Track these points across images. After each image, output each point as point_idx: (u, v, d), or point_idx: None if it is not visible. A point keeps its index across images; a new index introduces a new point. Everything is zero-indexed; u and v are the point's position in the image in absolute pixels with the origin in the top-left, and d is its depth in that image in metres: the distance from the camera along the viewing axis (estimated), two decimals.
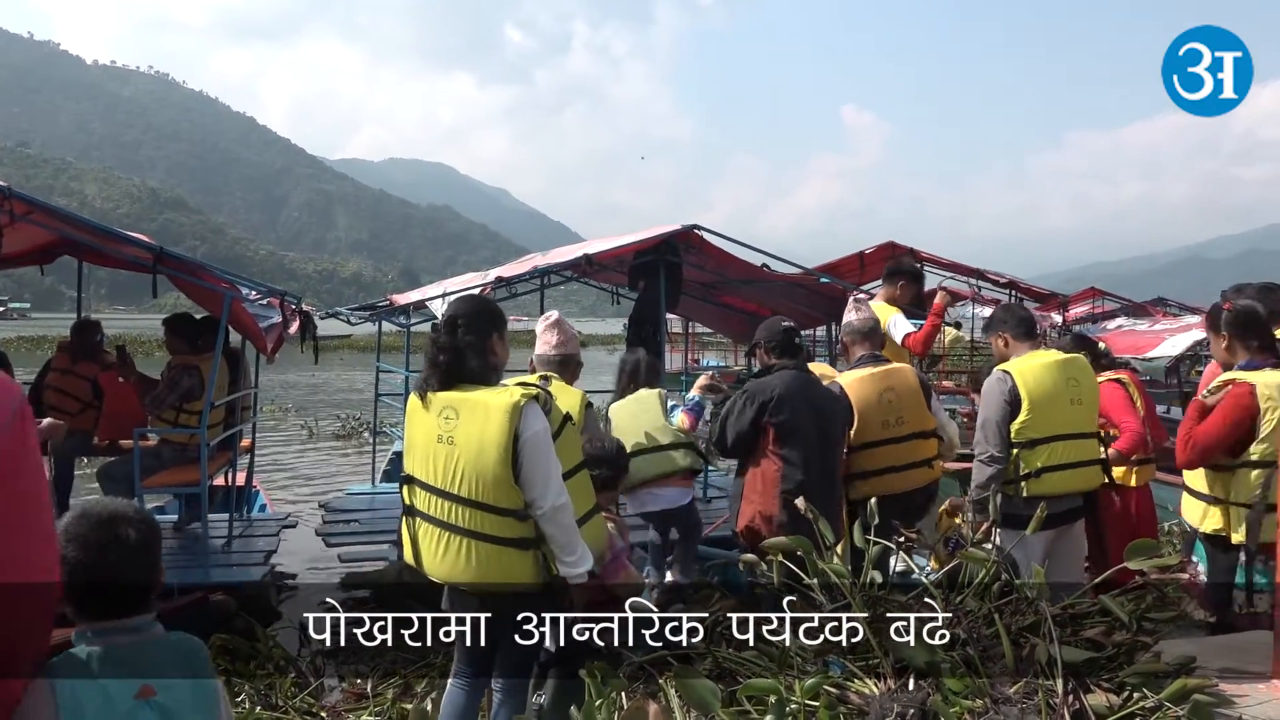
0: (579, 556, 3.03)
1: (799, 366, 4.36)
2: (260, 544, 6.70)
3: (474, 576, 3.07)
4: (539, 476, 2.97)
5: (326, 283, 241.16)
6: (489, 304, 3.44)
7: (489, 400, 3.00)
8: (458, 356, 3.10)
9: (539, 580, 3.01)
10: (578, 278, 7.86)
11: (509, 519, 2.98)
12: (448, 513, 3.05)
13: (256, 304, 6.52)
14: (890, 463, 4.56)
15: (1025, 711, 2.07)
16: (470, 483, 2.99)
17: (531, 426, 2.96)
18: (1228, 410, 3.58)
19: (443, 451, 3.04)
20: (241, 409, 7.01)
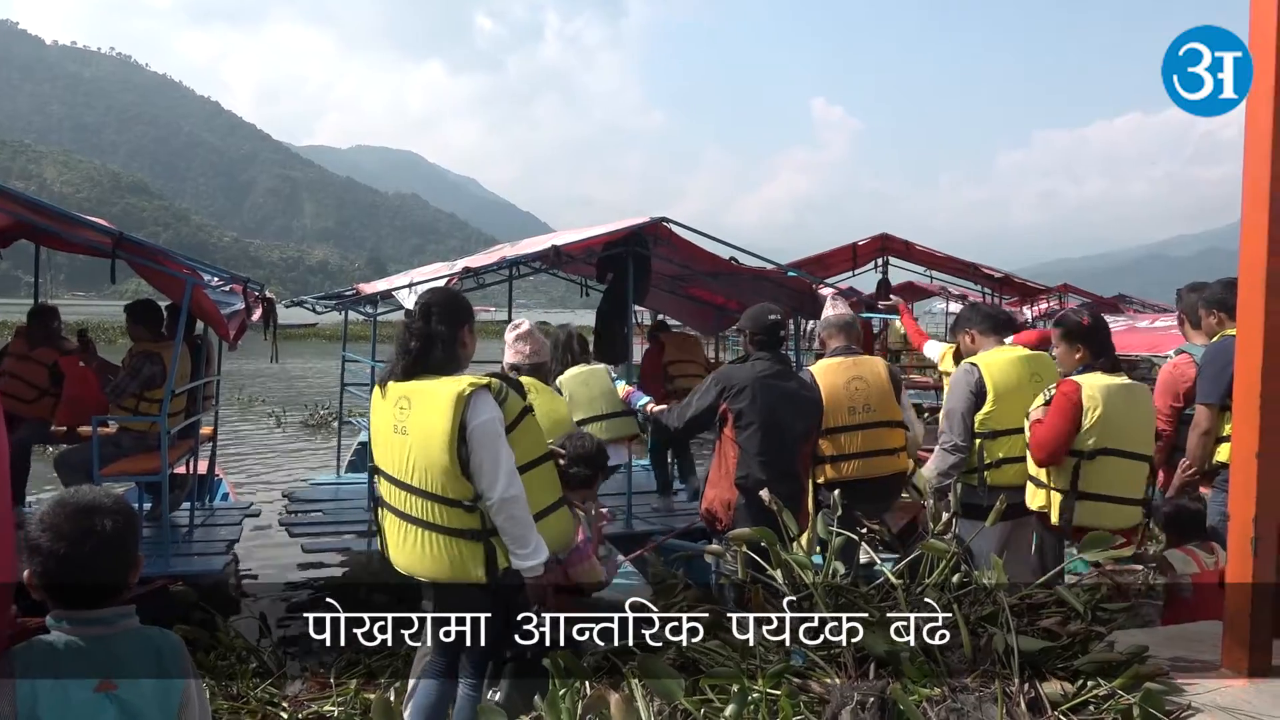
0: (532, 549, 3.00)
1: (776, 359, 4.39)
2: (222, 533, 6.65)
3: (429, 568, 3.07)
4: (487, 466, 2.95)
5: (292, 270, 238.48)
6: (460, 296, 3.45)
7: (438, 389, 3.00)
8: (428, 344, 3.10)
9: (491, 574, 3.00)
10: (546, 269, 7.84)
11: (457, 509, 2.98)
12: (405, 503, 3.06)
13: (219, 291, 6.44)
14: (856, 448, 4.67)
15: (982, 700, 2.10)
16: (421, 473, 2.99)
17: (478, 416, 2.95)
18: (1059, 409, 3.89)
19: (398, 441, 3.05)
20: (204, 397, 6.93)
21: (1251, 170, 2.58)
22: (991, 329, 4.56)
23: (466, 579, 3.03)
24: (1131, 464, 3.94)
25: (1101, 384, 3.89)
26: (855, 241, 13.11)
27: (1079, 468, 3.86)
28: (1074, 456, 3.87)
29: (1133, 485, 3.97)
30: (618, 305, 7.15)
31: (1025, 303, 15.35)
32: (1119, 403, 3.88)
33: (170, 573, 5.56)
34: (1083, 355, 4.03)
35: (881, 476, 4.75)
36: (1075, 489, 3.86)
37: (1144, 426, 4.03)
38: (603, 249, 7.07)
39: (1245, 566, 2.59)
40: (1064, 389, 3.92)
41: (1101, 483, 3.88)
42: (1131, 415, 3.94)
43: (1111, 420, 3.84)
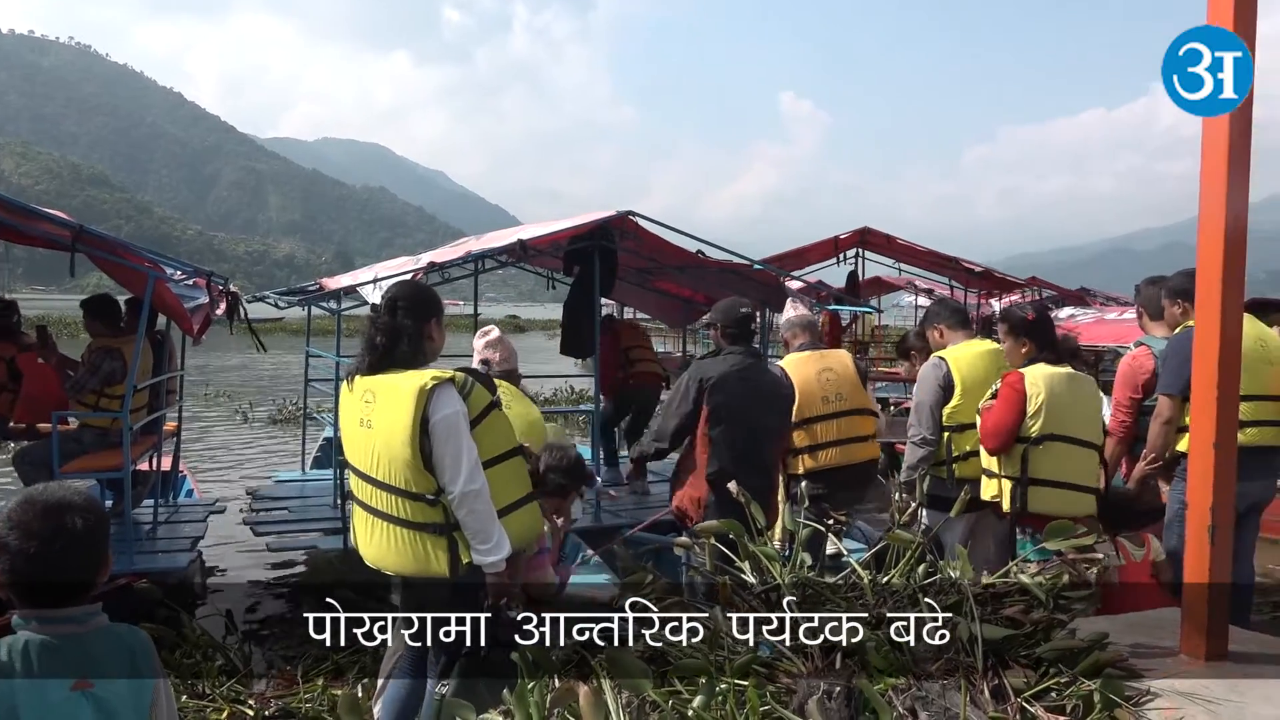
0: (494, 544, 3.00)
1: (749, 352, 4.41)
2: (186, 530, 6.56)
3: (395, 562, 3.07)
4: (449, 460, 2.94)
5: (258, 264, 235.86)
6: (429, 290, 3.44)
7: (401, 383, 2.99)
8: (394, 338, 3.09)
9: (455, 569, 2.99)
10: (512, 263, 7.81)
11: (420, 503, 2.98)
12: (371, 497, 3.06)
13: (182, 284, 6.35)
14: (833, 436, 4.76)
15: (946, 688, 2.12)
16: (386, 466, 2.99)
17: (441, 409, 2.95)
18: (1005, 398, 4.02)
19: (364, 436, 3.05)
20: (167, 392, 6.84)
21: (1209, 166, 2.62)
22: (960, 323, 4.67)
23: (430, 573, 3.03)
24: (1079, 451, 4.03)
25: (1045, 373, 4.01)
26: (837, 235, 13.18)
27: (1027, 454, 3.96)
28: (1021, 443, 3.97)
29: (1082, 472, 4.05)
30: (584, 299, 7.13)
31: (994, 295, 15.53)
32: (1062, 391, 3.99)
33: (134, 570, 5.49)
34: (1028, 349, 4.15)
35: (858, 463, 4.86)
36: (1025, 475, 3.95)
37: (1089, 415, 4.12)
38: (569, 243, 7.05)
39: (1203, 554, 2.65)
40: (1009, 380, 4.04)
41: (1050, 469, 3.96)
42: (1076, 404, 4.04)
43: (1055, 407, 3.95)
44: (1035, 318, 4.24)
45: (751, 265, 7.52)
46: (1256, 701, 2.34)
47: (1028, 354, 4.14)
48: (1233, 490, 2.66)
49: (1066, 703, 2.19)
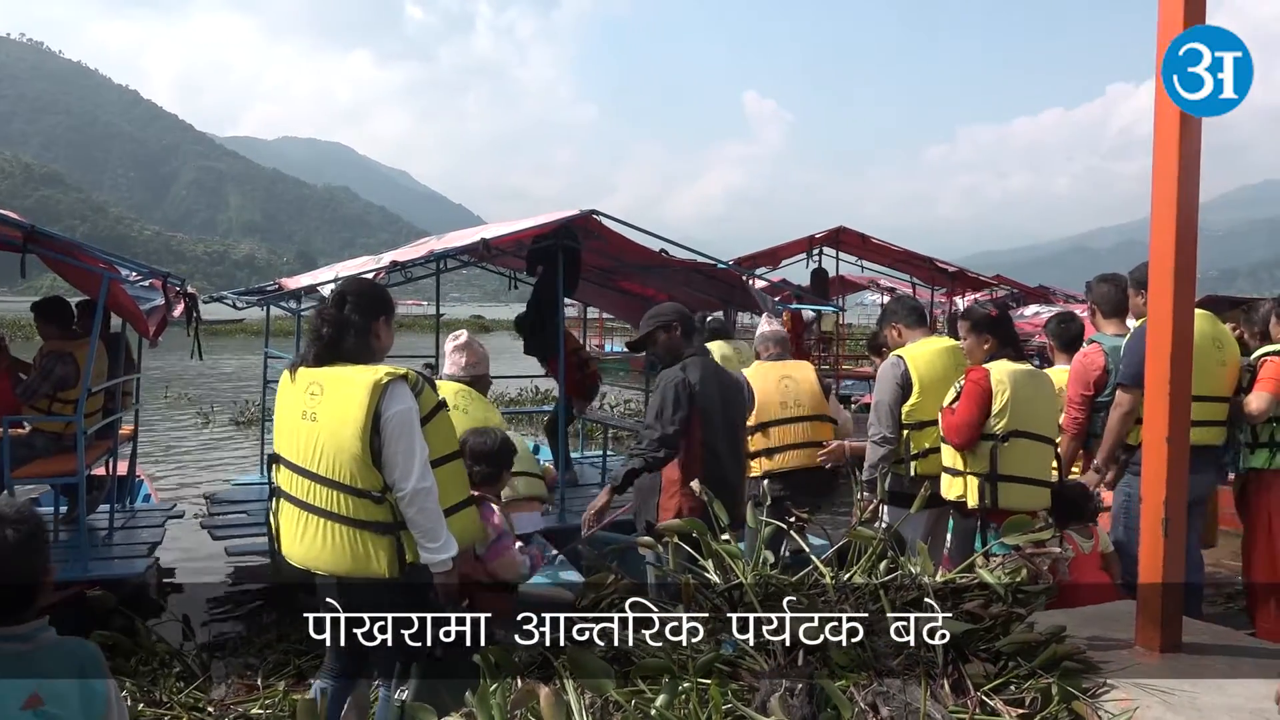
0: (443, 543, 2.97)
1: (704, 350, 4.42)
2: (143, 535, 6.45)
3: (330, 561, 2.99)
4: (400, 458, 2.90)
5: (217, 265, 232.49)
6: (380, 288, 3.39)
7: (354, 376, 2.95)
8: (339, 332, 3.04)
9: (395, 569, 2.94)
10: (473, 263, 7.76)
11: (365, 500, 2.92)
12: (308, 492, 2.98)
13: (137, 286, 6.25)
14: (790, 440, 4.89)
15: (908, 682, 2.14)
16: (330, 461, 2.93)
17: (394, 406, 2.91)
18: (970, 395, 4.03)
19: (305, 428, 2.98)
20: (122, 395, 6.72)
21: (1160, 166, 2.67)
22: (917, 321, 4.71)
23: (369, 573, 2.96)
24: (1040, 446, 4.09)
25: (1008, 370, 4.05)
26: (812, 234, 13.27)
27: (995, 451, 3.98)
28: (989, 440, 3.99)
29: (1042, 467, 4.11)
30: (548, 299, 7.11)
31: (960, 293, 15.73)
32: (1025, 387, 4.04)
33: (88, 577, 5.38)
34: (991, 345, 4.19)
35: (816, 467, 4.95)
36: (994, 472, 3.97)
37: (1049, 411, 4.19)
38: (532, 242, 7.02)
39: (1157, 548, 2.69)
40: (973, 376, 4.06)
41: (1016, 464, 4.00)
42: (1037, 400, 4.10)
43: (1020, 404, 3.99)
44: (998, 314, 4.32)
45: (715, 264, 7.53)
46: (1209, 691, 2.39)
47: (989, 350, 4.19)
48: (1185, 485, 2.71)
49: (1025, 695, 2.21)
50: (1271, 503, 4.30)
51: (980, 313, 4.31)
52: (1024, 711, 2.14)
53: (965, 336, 4.29)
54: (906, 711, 2.03)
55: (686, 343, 4.34)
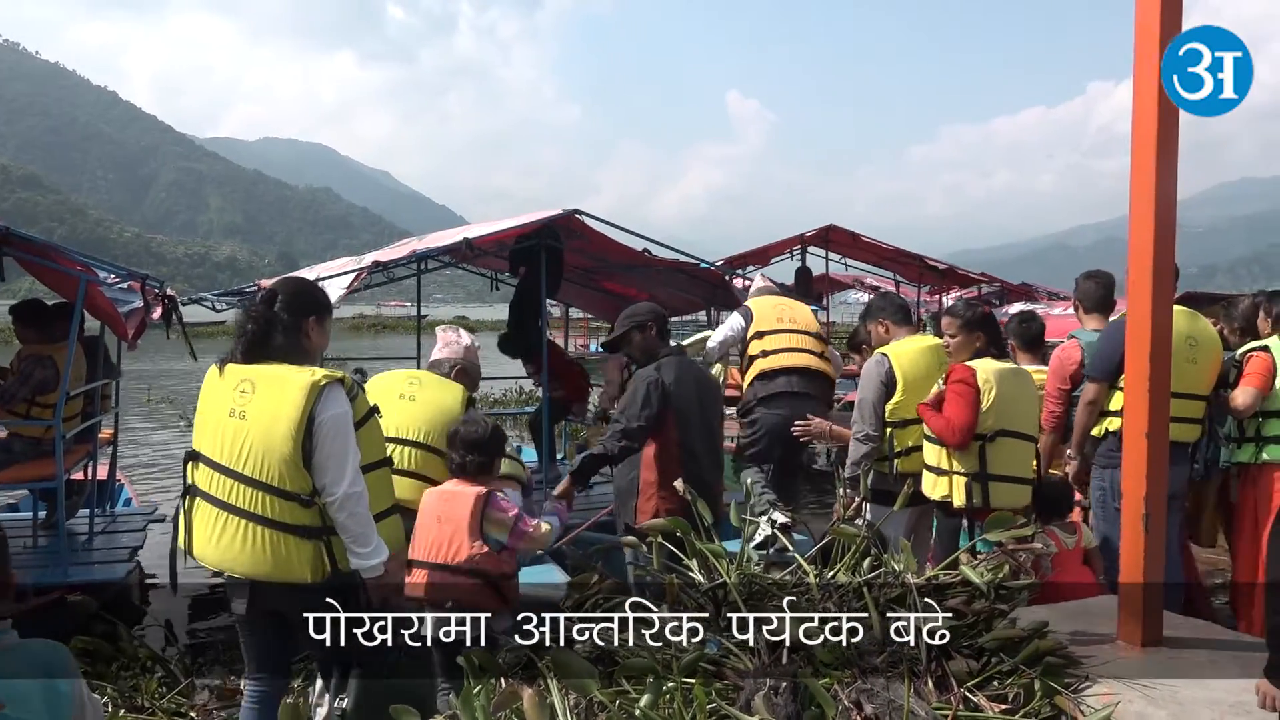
0: (374, 548, 2.91)
1: (679, 350, 4.44)
2: (124, 540, 6.39)
3: (249, 564, 2.91)
4: (333, 461, 2.84)
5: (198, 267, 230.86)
6: (314, 288, 3.31)
7: (289, 376, 2.88)
8: (266, 329, 2.97)
9: (318, 574, 2.87)
10: (455, 263, 7.72)
11: (292, 503, 2.85)
12: (230, 492, 2.89)
13: (116, 288, 6.19)
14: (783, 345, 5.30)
15: (891, 679, 2.14)
16: (257, 461, 2.85)
17: (330, 409, 2.85)
18: (962, 395, 3.99)
19: (233, 426, 2.90)
20: (101, 398, 6.66)
21: (1138, 163, 2.68)
22: (904, 319, 4.73)
23: (289, 578, 2.87)
24: (1024, 444, 4.10)
25: (994, 368, 4.05)
26: (803, 233, 13.30)
27: (984, 450, 3.97)
28: (977, 439, 3.98)
29: (1026, 465, 4.12)
30: (530, 299, 7.08)
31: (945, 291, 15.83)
32: (1010, 386, 4.04)
33: (68, 582, 5.34)
34: (981, 343, 4.18)
35: (811, 369, 5.17)
36: (984, 471, 3.96)
37: (1031, 409, 4.20)
38: (515, 242, 7.00)
39: (1137, 541, 2.71)
40: (961, 375, 4.03)
41: (1003, 463, 4.01)
42: (1021, 398, 4.10)
43: (1005, 402, 3.99)
44: (989, 312, 4.31)
45: (698, 264, 7.53)
46: (1190, 685, 2.40)
47: (979, 348, 4.17)
48: (1165, 480, 2.72)
49: (1008, 691, 2.22)
50: (1257, 496, 4.33)
51: (972, 310, 4.30)
52: (1007, 707, 2.15)
53: (954, 334, 4.26)
54: (890, 709, 2.04)
55: (661, 342, 4.36)
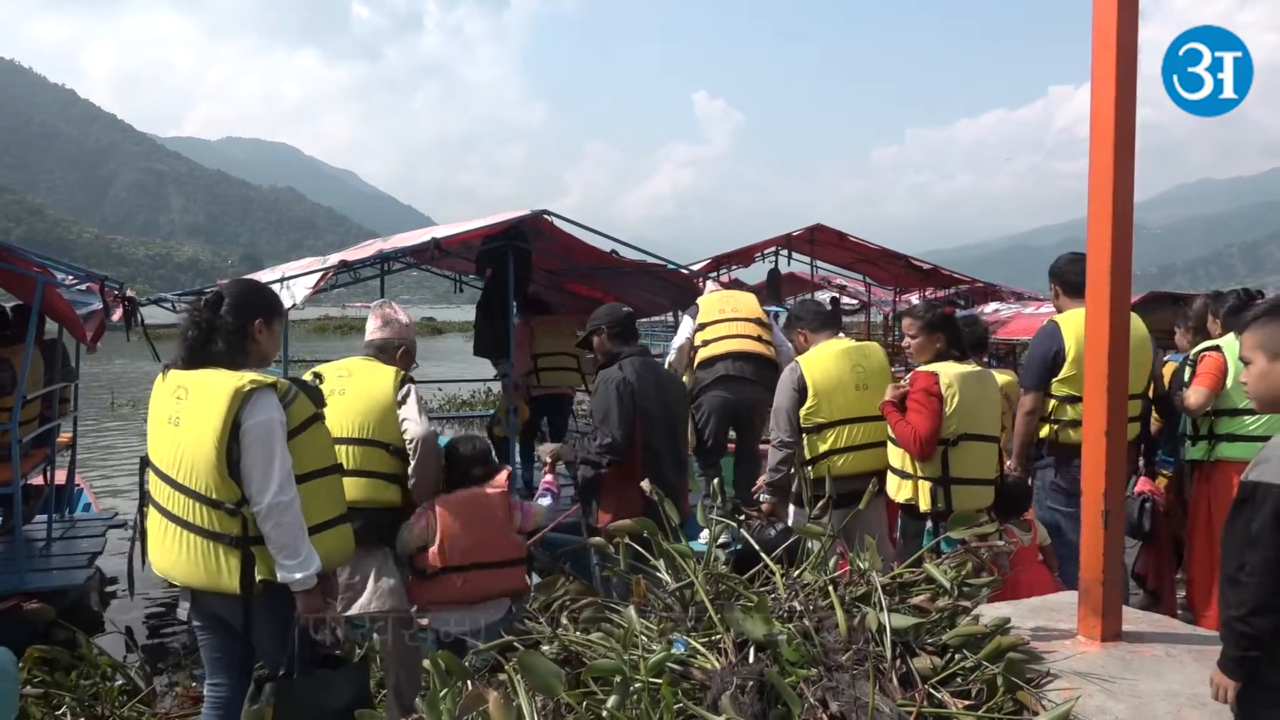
0: (302, 559, 2.83)
1: (642, 351, 4.47)
2: (83, 545, 6.30)
3: (183, 572, 2.88)
4: (258, 470, 2.78)
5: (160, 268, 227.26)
6: (263, 289, 3.25)
7: (216, 382, 2.83)
8: (206, 335, 2.92)
9: (243, 584, 2.81)
10: (417, 265, 7.67)
11: (219, 511, 2.80)
12: (169, 500, 2.87)
13: (74, 290, 6.09)
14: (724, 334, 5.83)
15: (856, 677, 2.15)
16: (188, 468, 2.81)
17: (255, 415, 2.79)
18: (925, 405, 4.00)
19: (169, 433, 2.87)
20: (60, 401, 6.55)
21: (1096, 165, 2.72)
22: (821, 325, 4.76)
23: (219, 588, 2.83)
24: (986, 446, 4.14)
25: (956, 372, 4.06)
26: (790, 232, 13.37)
27: (947, 455, 3.99)
28: (941, 444, 3.99)
29: (988, 467, 4.16)
30: (499, 300, 7.06)
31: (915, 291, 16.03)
32: (972, 389, 4.07)
33: (25, 589, 5.24)
34: (942, 345, 4.21)
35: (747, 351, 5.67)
36: (947, 475, 3.98)
37: (993, 410, 4.24)
38: (482, 243, 6.97)
39: (1097, 538, 2.75)
40: (924, 384, 4.03)
41: (966, 466, 4.04)
42: (983, 400, 4.14)
43: (968, 406, 4.02)
44: (949, 314, 4.34)
45: (665, 265, 7.54)
46: (1147, 678, 2.44)
47: (940, 349, 4.19)
48: (1123, 478, 2.76)
49: (971, 687, 2.24)
50: (1210, 493, 4.41)
51: (932, 311, 4.32)
52: (970, 703, 2.17)
53: (915, 335, 4.27)
54: (856, 706, 2.05)
55: (620, 343, 4.37)
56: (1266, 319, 2.17)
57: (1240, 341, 2.26)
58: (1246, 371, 2.21)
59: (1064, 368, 4.41)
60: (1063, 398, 4.44)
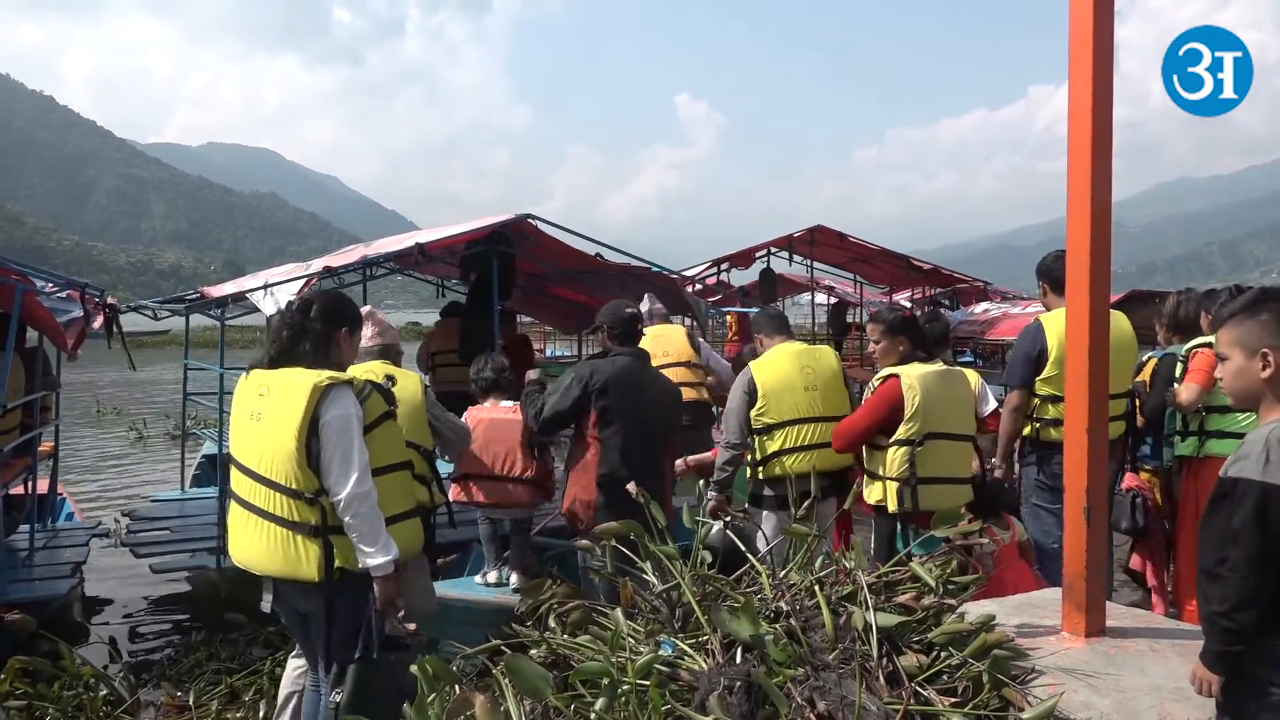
0: (381, 546, 2.98)
1: (636, 354, 4.45)
2: (66, 555, 6.24)
3: (264, 561, 3.03)
4: (336, 462, 2.93)
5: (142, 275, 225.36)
6: (348, 302, 3.46)
7: (296, 379, 2.99)
8: (297, 337, 3.11)
9: (323, 572, 2.96)
10: (399, 270, 7.64)
11: (299, 502, 2.95)
12: (251, 492, 3.02)
13: (54, 298, 6.04)
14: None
15: (843, 676, 2.16)
16: (270, 461, 2.97)
17: (333, 410, 2.94)
18: (870, 403, 4.17)
19: (251, 429, 3.04)
20: (41, 410, 6.49)
21: (1074, 164, 2.74)
22: (776, 330, 4.90)
23: (298, 576, 2.99)
24: (956, 445, 4.17)
25: (918, 373, 4.11)
26: (791, 234, 13.40)
27: (913, 455, 4.02)
28: (906, 445, 4.03)
29: (960, 465, 4.20)
30: (483, 305, 7.04)
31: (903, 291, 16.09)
32: (935, 388, 4.11)
33: (7, 600, 5.19)
34: (905, 347, 4.27)
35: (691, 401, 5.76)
36: (914, 475, 4.02)
37: (962, 409, 4.27)
38: (465, 248, 6.96)
39: (1079, 535, 2.77)
40: (884, 383, 4.15)
41: (935, 466, 4.07)
42: (949, 399, 4.17)
43: (931, 406, 4.05)
44: (911, 316, 4.43)
45: (649, 268, 7.55)
46: (1131, 673, 2.46)
47: (904, 351, 4.26)
48: (1106, 474, 2.79)
49: (957, 685, 2.25)
50: (1199, 489, 4.45)
51: (892, 315, 4.40)
52: (956, 700, 2.18)
53: (878, 339, 4.35)
54: (843, 705, 2.05)
55: (618, 343, 4.43)
56: (1243, 315, 2.18)
57: (1216, 338, 2.27)
58: (1223, 367, 2.22)
59: (1046, 367, 4.45)
60: (1045, 397, 4.49)
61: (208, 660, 4.92)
